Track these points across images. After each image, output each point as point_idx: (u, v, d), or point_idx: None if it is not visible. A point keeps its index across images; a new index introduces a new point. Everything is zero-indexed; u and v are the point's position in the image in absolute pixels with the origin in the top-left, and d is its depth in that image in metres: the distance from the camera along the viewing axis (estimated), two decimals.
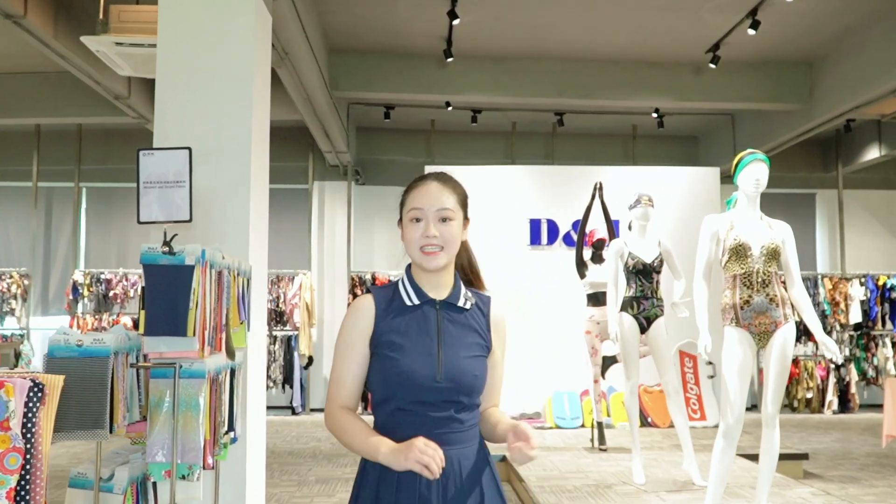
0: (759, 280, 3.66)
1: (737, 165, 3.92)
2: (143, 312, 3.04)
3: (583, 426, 7.78)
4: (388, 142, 10.82)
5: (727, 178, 10.25)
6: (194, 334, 3.07)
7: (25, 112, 8.58)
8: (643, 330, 5.04)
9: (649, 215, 5.07)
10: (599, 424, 6.43)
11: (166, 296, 3.03)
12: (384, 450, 1.57)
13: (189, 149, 3.10)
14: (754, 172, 3.77)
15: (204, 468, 3.23)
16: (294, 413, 9.87)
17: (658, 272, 5.05)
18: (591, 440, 6.55)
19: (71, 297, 9.82)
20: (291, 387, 9.86)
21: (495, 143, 10.80)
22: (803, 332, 10.03)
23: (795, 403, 10.41)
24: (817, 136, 9.50)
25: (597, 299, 6.38)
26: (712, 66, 7.60)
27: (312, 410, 10.17)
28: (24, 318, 9.99)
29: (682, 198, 8.30)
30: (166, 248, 3.00)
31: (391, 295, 1.76)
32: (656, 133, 10.59)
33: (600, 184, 6.49)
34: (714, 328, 3.87)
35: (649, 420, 7.85)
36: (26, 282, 10.03)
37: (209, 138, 4.29)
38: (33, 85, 8.29)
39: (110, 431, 3.01)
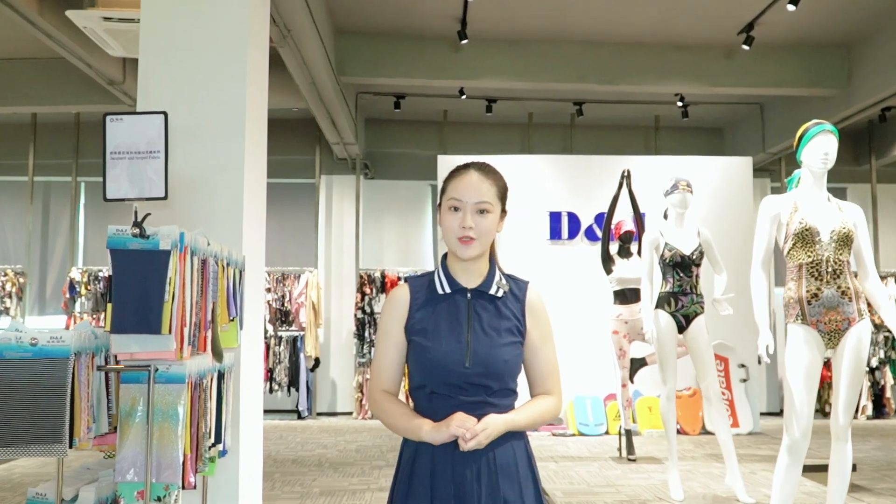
0: (830, 270, 3.16)
1: (801, 138, 3.42)
2: (110, 306, 2.57)
3: (607, 433, 7.29)
4: (399, 134, 10.37)
5: (760, 170, 9.81)
6: (171, 332, 2.61)
7: (19, 100, 8.18)
8: (681, 329, 4.54)
9: (688, 202, 4.58)
10: (628, 433, 5.93)
11: (137, 286, 2.57)
12: (426, 427, 1.68)
13: (164, 113, 2.64)
14: (822, 145, 3.27)
15: (184, 488, 2.76)
16: (300, 417, 9.42)
17: (698, 265, 4.56)
18: (619, 449, 6.05)
19: (68, 295, 9.40)
20: (297, 390, 9.41)
21: (511, 135, 10.31)
22: None
23: (827, 408, 9.85)
24: (850, 127, 8.95)
25: (624, 297, 5.89)
26: (746, 47, 7.08)
27: (319, 414, 9.72)
28: (20, 317, 9.59)
29: (712, 190, 7.79)
30: (136, 231, 2.54)
31: (426, 284, 1.82)
32: (680, 124, 10.08)
33: (628, 171, 6.00)
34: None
35: (678, 427, 7.33)
36: (22, 280, 9.63)
37: (199, 114, 3.84)
38: (25, 71, 7.89)
39: (70, 446, 2.55)
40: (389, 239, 10.26)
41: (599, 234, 7.79)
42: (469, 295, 1.77)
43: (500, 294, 1.78)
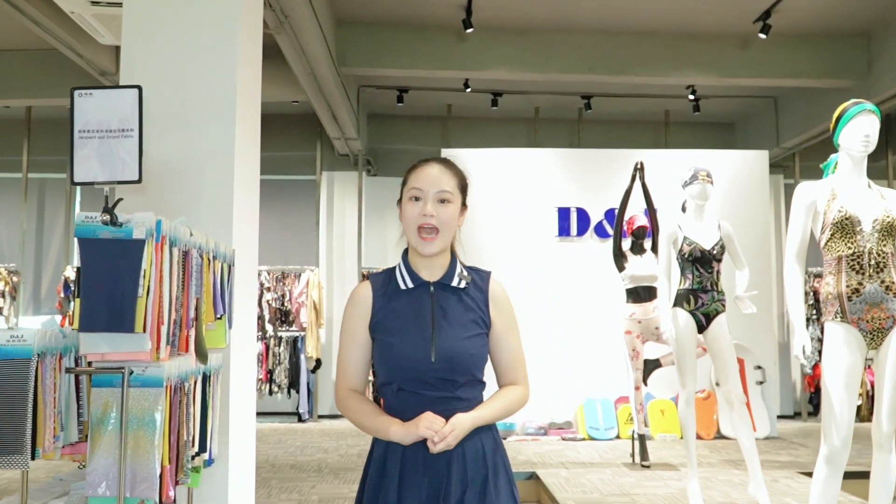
0: (872, 263, 2.89)
1: (839, 119, 3.15)
2: (78, 301, 2.31)
3: (618, 437, 7.01)
4: (402, 129, 10.11)
5: (773, 166, 9.50)
6: (145, 330, 2.35)
7: (9, 93, 7.94)
8: (701, 328, 4.27)
9: (708, 193, 4.31)
10: (641, 437, 5.66)
11: (108, 280, 2.31)
12: (394, 427, 1.67)
13: (138, 87, 2.38)
14: (863, 127, 3.00)
15: (161, 502, 2.50)
16: (300, 420, 9.16)
17: (719, 260, 4.29)
18: (632, 455, 5.77)
19: (62, 294, 9.15)
20: (297, 392, 9.15)
21: (517, 130, 10.04)
22: None
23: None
24: None
25: (637, 295, 5.61)
26: (762, 35, 6.80)
27: (320, 417, 9.45)
28: (14, 317, 9.35)
29: (727, 185, 7.48)
30: (107, 217, 2.28)
31: (388, 280, 1.82)
32: (690, 119, 9.80)
33: (641, 164, 5.72)
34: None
35: None
36: (15, 279, 9.39)
37: (185, 96, 3.59)
38: (16, 63, 7.66)
39: (33, 457, 2.30)
40: (392, 237, 9.88)
41: (610, 230, 7.53)
42: (432, 288, 1.77)
43: (462, 286, 1.78)
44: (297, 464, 6.51)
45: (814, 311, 9.52)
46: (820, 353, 9.36)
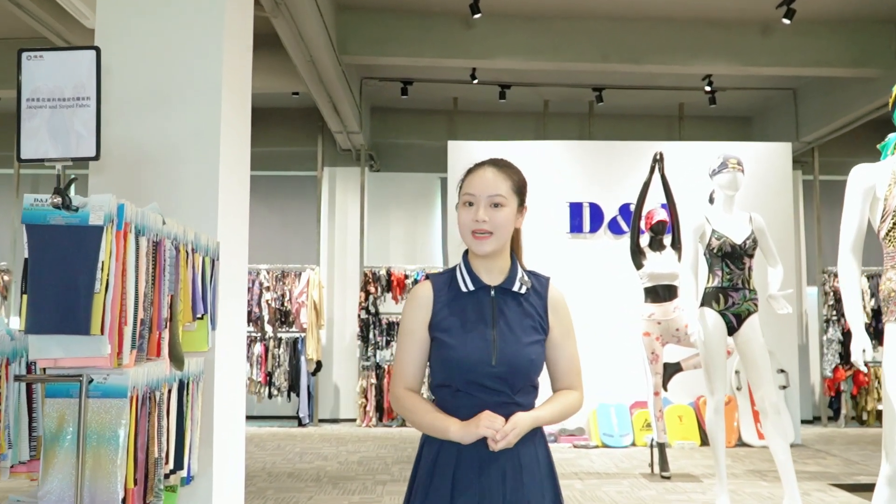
0: None
1: None
2: (25, 298, 1.98)
3: (633, 444, 6.66)
4: (406, 123, 9.77)
5: (794, 161, 9.13)
6: (103, 331, 2.02)
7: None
8: (731, 330, 3.91)
9: (738, 183, 3.96)
10: (661, 446, 5.30)
11: (59, 272, 1.98)
12: (454, 427, 1.66)
13: (96, 48, 2.04)
14: None
15: None
16: (300, 424, 8.83)
17: (750, 256, 3.94)
18: (650, 465, 5.42)
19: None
20: (297, 395, 8.82)
21: (525, 124, 9.69)
22: (873, 335, 8.86)
23: (865, 416, 9.17)
24: (889, 115, 8.28)
25: (656, 294, 5.26)
26: (786, 21, 6.44)
27: (321, 421, 9.12)
28: (6, 317, 9.04)
29: (748, 179, 7.07)
30: (58, 200, 1.95)
31: (448, 281, 1.80)
32: (706, 112, 9.44)
33: (660, 154, 5.37)
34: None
35: None
36: (7, 278, 9.09)
37: (165, 74, 3.26)
38: (3, 52, 7.33)
39: None
40: (396, 235, 9.66)
41: (625, 226, 7.18)
42: (493, 292, 1.76)
43: (523, 291, 1.77)
44: (294, 472, 6.17)
45: (834, 312, 9.15)
46: (840, 355, 9.03)
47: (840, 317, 9.00)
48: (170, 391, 2.51)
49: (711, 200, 4.17)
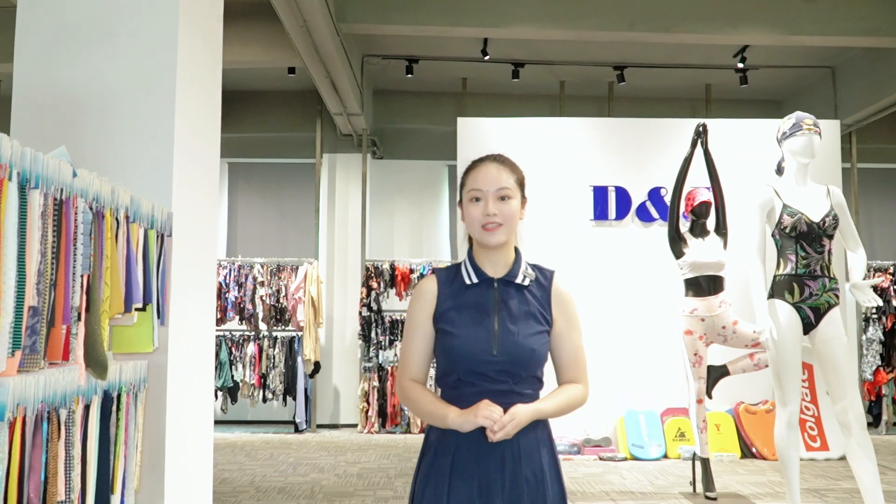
0: None
1: None
2: None
3: (666, 457, 5.96)
4: (411, 106, 9.11)
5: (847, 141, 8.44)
6: None
7: None
8: (808, 327, 3.22)
9: (815, 147, 3.28)
10: (705, 462, 4.61)
11: None
12: (452, 415, 1.69)
13: None
14: None
15: None
16: (297, 431, 8.16)
17: (830, 237, 3.26)
18: (692, 482, 4.72)
19: None
20: (294, 399, 8.16)
21: (539, 108, 8.99)
22: None
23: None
24: None
25: (699, 287, 4.57)
26: None
27: (320, 427, 8.45)
28: None
29: None
30: None
31: (453, 275, 1.84)
32: (734, 95, 8.77)
33: (704, 126, 4.68)
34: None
35: (753, 450, 6.00)
36: None
37: (104, 2, 2.59)
38: None
39: None
40: (400, 226, 8.99)
41: (654, 213, 6.49)
42: (496, 284, 1.80)
43: (526, 283, 1.81)
44: (286, 486, 5.50)
45: (874, 310, 8.43)
46: (882, 356, 8.29)
47: (882, 315, 8.29)
48: (87, 408, 1.83)
49: (780, 170, 3.48)
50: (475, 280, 1.79)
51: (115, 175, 2.31)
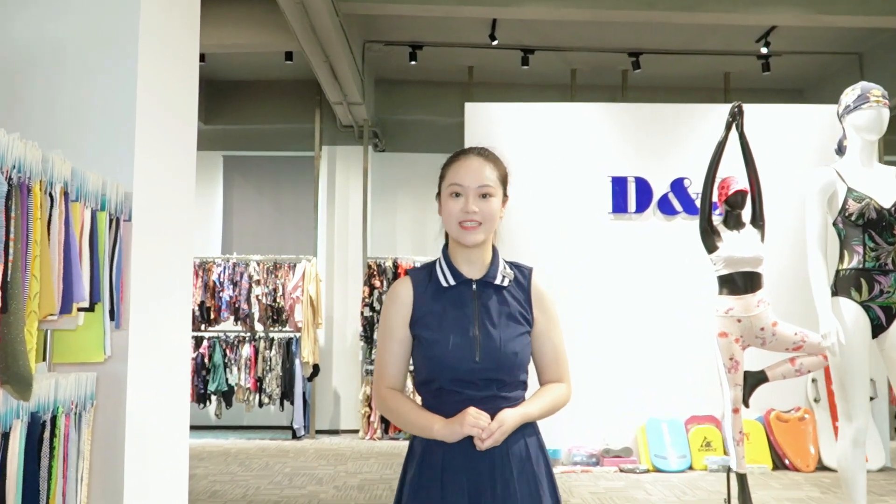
0: None
1: None
2: None
3: (691, 468, 5.54)
4: (415, 96, 8.71)
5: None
6: None
7: None
8: (877, 329, 2.80)
9: (884, 122, 2.86)
10: (741, 478, 4.18)
11: None
12: (437, 426, 1.63)
13: None
14: None
15: None
16: (295, 437, 7.76)
17: None
18: (727, 500, 4.29)
19: None
20: (292, 403, 7.75)
21: (549, 98, 8.51)
22: None
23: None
24: None
25: (735, 284, 4.15)
26: None
27: (319, 433, 8.04)
28: None
29: (822, 146, 5.94)
30: None
31: (428, 276, 1.77)
32: (753, 84, 8.35)
33: (739, 107, 4.25)
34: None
35: (786, 461, 5.57)
36: None
37: None
38: None
39: None
40: (403, 222, 8.59)
41: (677, 205, 6.07)
42: (474, 286, 1.74)
43: (505, 283, 1.75)
44: (281, 500, 5.08)
45: None
46: None
47: None
48: (5, 437, 1.41)
49: (841, 150, 3.06)
50: (452, 282, 1.73)
51: (64, 145, 1.90)
